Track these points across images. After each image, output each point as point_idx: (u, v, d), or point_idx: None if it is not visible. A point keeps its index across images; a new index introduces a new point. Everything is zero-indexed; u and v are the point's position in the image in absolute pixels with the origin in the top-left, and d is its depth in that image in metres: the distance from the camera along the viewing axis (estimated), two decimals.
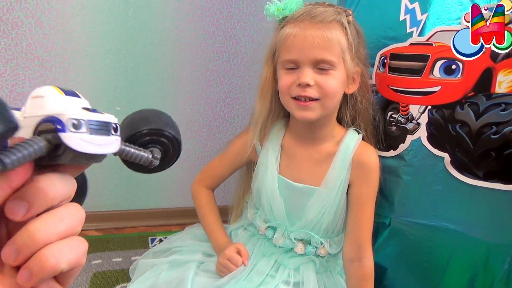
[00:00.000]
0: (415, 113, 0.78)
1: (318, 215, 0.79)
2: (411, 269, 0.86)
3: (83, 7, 1.14)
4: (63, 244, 0.23)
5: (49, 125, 0.22)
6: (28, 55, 1.14)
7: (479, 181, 0.74)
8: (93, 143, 0.23)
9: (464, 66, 0.72)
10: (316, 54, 0.70)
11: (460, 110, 0.73)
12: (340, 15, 0.72)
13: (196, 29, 1.24)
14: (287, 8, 0.73)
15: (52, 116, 0.22)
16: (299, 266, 0.82)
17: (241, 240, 0.89)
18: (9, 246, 0.22)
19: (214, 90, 1.32)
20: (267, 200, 0.82)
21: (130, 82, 1.23)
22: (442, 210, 0.78)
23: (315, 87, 0.71)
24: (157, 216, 1.37)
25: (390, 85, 0.81)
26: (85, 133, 0.23)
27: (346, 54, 0.72)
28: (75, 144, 0.22)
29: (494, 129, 0.71)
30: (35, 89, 0.24)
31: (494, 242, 0.77)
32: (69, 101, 0.24)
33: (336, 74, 0.72)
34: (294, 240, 0.82)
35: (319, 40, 0.69)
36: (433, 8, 0.74)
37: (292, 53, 0.72)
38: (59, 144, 0.22)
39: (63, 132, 0.22)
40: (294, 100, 0.73)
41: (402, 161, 0.81)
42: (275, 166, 0.82)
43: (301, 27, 0.71)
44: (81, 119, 0.23)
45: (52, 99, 0.23)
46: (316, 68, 0.71)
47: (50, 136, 0.22)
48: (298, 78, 0.71)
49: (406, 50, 0.78)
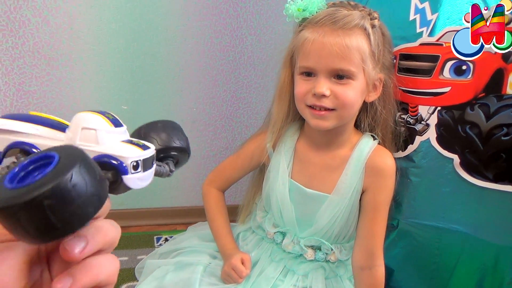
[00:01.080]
0: (424, 114, 0.77)
1: (329, 223, 0.77)
2: (418, 271, 0.85)
3: (90, 6, 1.14)
4: (103, 256, 0.24)
5: (108, 164, 0.24)
6: (35, 53, 1.14)
7: (489, 183, 0.73)
8: (144, 179, 0.26)
9: (475, 67, 0.71)
10: (333, 63, 0.67)
11: (470, 111, 0.72)
12: (363, 19, 0.69)
13: (203, 28, 1.24)
14: (307, 10, 0.69)
15: (113, 157, 0.24)
16: (308, 272, 0.81)
17: (250, 244, 0.88)
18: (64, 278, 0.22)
19: (220, 89, 1.31)
20: (277, 205, 0.81)
21: (137, 81, 1.23)
22: (451, 212, 0.78)
23: (331, 98, 0.69)
24: (163, 215, 1.37)
25: (399, 86, 0.80)
26: (140, 172, 0.25)
27: (368, 61, 0.69)
28: (133, 183, 0.25)
29: (505, 130, 0.70)
30: (79, 114, 0.25)
31: (504, 244, 0.76)
32: (118, 135, 0.26)
33: (354, 84, 0.69)
34: (304, 247, 0.80)
35: (337, 49, 0.66)
36: (443, 8, 0.73)
37: (309, 60, 0.69)
38: (115, 180, 0.24)
39: (126, 175, 0.24)
40: (309, 109, 0.71)
41: (411, 162, 0.80)
42: (287, 171, 0.79)
43: (320, 33, 0.67)
44: (138, 160, 0.25)
45: (105, 134, 0.25)
46: (334, 77, 0.69)
47: (110, 175, 0.24)
48: (314, 87, 0.69)
49: (415, 50, 0.77)
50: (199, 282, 0.78)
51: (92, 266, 0.23)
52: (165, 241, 1.27)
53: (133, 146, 0.25)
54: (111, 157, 0.24)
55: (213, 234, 0.89)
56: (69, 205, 0.19)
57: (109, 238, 0.24)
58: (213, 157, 1.37)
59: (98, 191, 0.20)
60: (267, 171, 0.84)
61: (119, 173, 0.24)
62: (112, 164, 0.24)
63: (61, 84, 1.17)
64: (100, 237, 0.23)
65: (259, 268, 0.82)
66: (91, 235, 0.23)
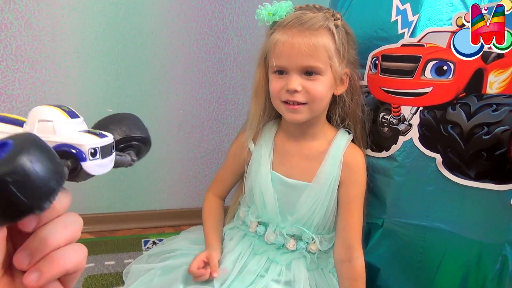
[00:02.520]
0: (407, 114, 0.78)
1: (309, 210, 0.81)
2: (404, 269, 0.86)
3: (73, 8, 1.13)
4: (68, 248, 0.25)
5: (67, 153, 0.25)
6: (18, 57, 1.12)
7: (471, 181, 0.74)
8: (103, 165, 0.27)
9: (456, 67, 0.72)
10: (303, 61, 0.73)
11: (452, 111, 0.73)
12: (327, 20, 0.74)
13: (188, 30, 1.24)
14: (277, 14, 0.75)
15: (72, 145, 0.25)
16: (290, 262, 0.83)
17: (234, 239, 0.89)
18: (21, 252, 0.24)
19: (206, 91, 1.31)
20: (260, 196, 0.84)
21: (122, 84, 1.22)
22: (434, 210, 0.79)
23: (302, 92, 0.75)
24: (151, 218, 1.36)
25: (382, 86, 0.81)
26: (99, 158, 0.26)
27: (334, 58, 0.75)
28: (92, 170, 0.26)
29: (486, 129, 0.71)
30: (35, 108, 0.26)
31: (486, 241, 0.77)
32: (75, 125, 0.27)
33: (323, 79, 0.75)
34: (286, 235, 0.83)
35: (306, 48, 0.72)
36: (424, 9, 0.74)
37: (281, 59, 0.75)
38: (75, 167, 0.25)
39: (84, 161, 0.25)
40: (284, 104, 0.77)
41: (394, 162, 0.81)
42: (268, 162, 0.84)
43: (289, 34, 0.73)
44: (96, 147, 0.26)
45: (62, 124, 0.26)
46: (304, 74, 0.75)
47: (69, 162, 0.25)
48: (287, 84, 0.74)
49: (397, 51, 0.78)
50: (184, 284, 0.79)
51: (58, 257, 0.24)
52: (153, 244, 1.26)
53: (90, 135, 0.26)
54: (69, 145, 0.25)
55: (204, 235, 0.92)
56: (32, 180, 0.20)
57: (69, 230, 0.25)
58: (201, 159, 1.37)
59: (56, 167, 0.22)
60: (248, 166, 0.88)
61: (78, 160, 0.25)
62: (70, 152, 0.25)
63: (44, 87, 1.16)
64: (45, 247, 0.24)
65: (242, 263, 0.84)
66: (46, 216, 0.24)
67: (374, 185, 0.86)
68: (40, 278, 0.23)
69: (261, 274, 0.82)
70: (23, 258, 0.24)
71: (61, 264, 0.24)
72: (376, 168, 0.85)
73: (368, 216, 0.87)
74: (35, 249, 0.24)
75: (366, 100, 0.84)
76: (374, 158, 0.85)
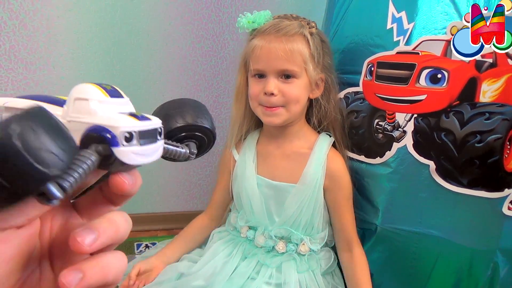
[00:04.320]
0: (401, 121, 0.79)
1: (296, 211, 0.83)
2: (397, 274, 0.87)
3: (69, 9, 1.12)
4: (113, 254, 0.22)
5: (98, 136, 0.21)
6: (12, 57, 1.11)
7: (463, 188, 0.75)
8: (143, 154, 0.22)
9: (450, 75, 0.73)
10: (279, 65, 0.77)
11: (445, 119, 0.74)
12: (302, 28, 0.79)
13: (185, 32, 1.23)
14: (256, 22, 0.80)
15: (103, 127, 0.21)
16: (280, 264, 0.84)
17: (223, 240, 0.90)
18: (73, 272, 0.20)
19: (202, 94, 1.31)
20: (247, 200, 0.86)
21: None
22: (427, 217, 0.79)
23: (279, 95, 0.79)
24: (143, 221, 1.35)
25: (377, 93, 0.81)
26: (136, 145, 0.22)
27: (308, 63, 0.79)
28: (127, 158, 0.22)
29: (478, 137, 0.72)
30: (75, 86, 0.23)
31: (478, 248, 0.78)
32: (116, 106, 0.23)
33: (298, 82, 0.79)
34: (275, 237, 0.84)
35: (282, 52, 0.76)
36: (419, 18, 0.75)
37: (260, 63, 0.79)
38: (109, 154, 0.21)
39: (116, 147, 0.21)
40: (261, 106, 0.81)
41: (388, 168, 0.81)
42: (253, 166, 0.87)
43: (267, 40, 0.78)
44: (132, 131, 0.22)
45: (98, 104, 0.22)
46: (281, 77, 0.79)
47: (100, 148, 0.21)
48: (264, 87, 0.79)
49: (392, 59, 0.78)
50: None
51: (103, 263, 0.21)
52: (145, 247, 1.25)
53: (128, 116, 0.23)
54: (99, 127, 0.21)
55: None
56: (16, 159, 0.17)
57: (120, 233, 0.23)
58: (194, 162, 1.37)
59: (52, 147, 0.18)
60: (233, 172, 0.90)
61: (109, 145, 0.21)
62: (101, 135, 0.21)
63: (38, 88, 1.15)
64: (112, 231, 0.22)
65: (233, 266, 0.84)
66: (103, 228, 0.22)
67: (368, 191, 0.87)
68: (81, 282, 0.20)
69: (252, 276, 0.83)
70: (72, 279, 0.20)
71: (105, 271, 0.21)
72: (370, 174, 0.85)
73: (361, 221, 0.87)
74: (92, 274, 0.21)
75: (361, 107, 0.85)
76: (368, 164, 0.85)
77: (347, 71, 0.88)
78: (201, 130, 0.29)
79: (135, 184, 0.23)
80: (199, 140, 0.29)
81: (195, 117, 0.28)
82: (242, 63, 0.85)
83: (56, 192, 0.19)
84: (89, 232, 0.21)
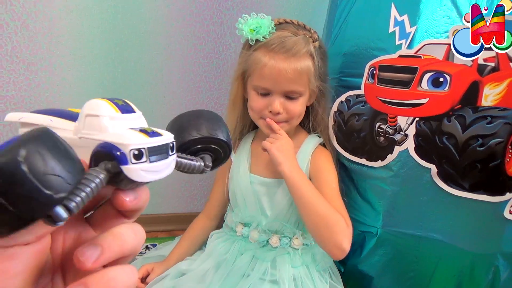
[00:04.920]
0: (403, 125, 0.78)
1: (286, 204, 0.85)
2: (397, 278, 0.86)
3: (71, 10, 1.12)
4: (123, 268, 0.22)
5: (108, 153, 0.21)
6: (13, 58, 1.11)
7: (465, 192, 0.75)
8: (153, 171, 0.22)
9: (452, 79, 0.73)
10: (287, 86, 0.79)
11: (447, 122, 0.74)
12: (308, 44, 0.79)
13: (186, 34, 1.23)
14: (259, 32, 0.78)
15: (112, 145, 0.21)
16: (275, 258, 0.85)
17: (221, 239, 0.92)
18: (89, 245, 0.21)
19: (203, 96, 1.31)
20: (242, 198, 0.89)
21: (118, 87, 1.22)
22: (429, 220, 0.79)
23: (283, 113, 0.81)
24: (144, 223, 1.34)
25: (379, 96, 0.81)
26: (146, 162, 0.22)
27: (312, 78, 0.81)
28: (136, 175, 0.21)
29: (480, 141, 0.72)
30: (87, 102, 0.23)
31: (479, 252, 0.78)
32: (127, 121, 0.23)
33: (302, 99, 0.82)
34: (268, 231, 0.86)
35: (291, 75, 0.77)
36: (421, 21, 0.75)
37: (266, 82, 0.79)
38: (118, 172, 0.21)
39: (125, 165, 0.21)
40: (263, 120, 0.83)
41: (390, 172, 0.81)
42: (247, 165, 0.90)
43: (275, 59, 0.77)
44: (142, 148, 0.21)
45: (109, 120, 0.22)
46: (285, 95, 0.81)
47: (110, 165, 0.21)
48: (270, 106, 0.80)
49: (394, 62, 0.78)
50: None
51: (108, 278, 0.21)
52: (146, 248, 1.25)
53: (138, 133, 0.22)
54: (110, 145, 0.21)
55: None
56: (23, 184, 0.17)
57: (127, 247, 0.22)
58: None
59: (59, 170, 0.18)
60: (229, 172, 0.93)
61: (118, 163, 0.21)
62: (110, 153, 0.21)
63: (40, 90, 1.15)
64: (117, 245, 0.22)
65: (230, 264, 0.85)
66: (107, 243, 0.21)
67: (369, 194, 0.87)
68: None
69: (247, 273, 0.84)
70: (91, 253, 0.20)
71: (111, 285, 0.21)
72: (372, 178, 0.85)
73: (362, 224, 0.87)
74: (108, 246, 0.21)
75: (362, 110, 0.85)
76: (369, 167, 0.85)
77: (348, 74, 0.88)
78: (217, 143, 0.28)
79: (139, 201, 0.23)
80: (215, 153, 0.29)
81: (210, 129, 0.28)
82: (239, 72, 0.84)
83: (62, 214, 0.18)
84: (92, 248, 0.21)
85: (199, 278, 0.83)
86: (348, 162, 0.90)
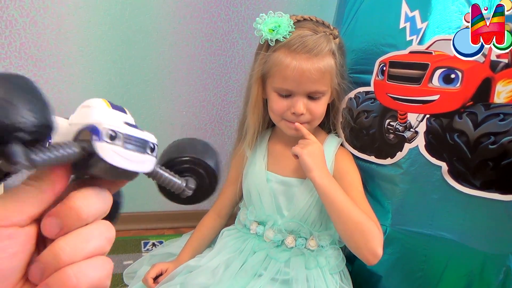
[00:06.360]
0: (413, 122, 0.77)
1: (306, 205, 0.82)
2: (406, 277, 0.85)
3: (79, 7, 1.12)
4: (86, 264, 0.22)
5: (87, 133, 0.22)
6: (22, 54, 1.12)
7: (476, 190, 0.74)
8: (126, 158, 0.23)
9: (464, 76, 0.71)
10: (310, 87, 0.76)
11: (459, 120, 0.73)
12: (329, 42, 0.77)
13: (193, 31, 1.23)
14: (279, 32, 0.75)
15: (90, 125, 0.22)
16: (289, 259, 0.83)
17: (232, 236, 0.91)
18: (35, 265, 0.22)
19: (210, 93, 1.31)
20: (257, 196, 0.86)
21: (125, 84, 1.22)
22: (439, 219, 0.78)
23: (306, 114, 0.79)
24: (150, 220, 1.35)
25: (389, 93, 0.80)
26: (119, 146, 0.23)
27: (334, 76, 0.79)
28: (107, 155, 0.22)
29: (492, 139, 0.71)
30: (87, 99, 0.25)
31: (490, 252, 0.77)
32: (114, 114, 0.24)
33: (324, 99, 0.80)
34: (285, 231, 0.84)
35: (314, 76, 0.75)
36: (433, 17, 0.74)
37: (288, 84, 0.77)
38: (92, 153, 0.22)
39: (98, 141, 0.22)
40: (285, 121, 0.81)
41: (399, 169, 0.80)
42: (263, 163, 0.87)
43: (298, 60, 0.74)
44: (118, 131, 0.23)
45: (98, 110, 0.23)
46: (308, 96, 0.78)
47: (85, 144, 0.22)
48: (293, 107, 0.78)
49: (405, 58, 0.77)
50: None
51: (70, 275, 0.21)
52: (152, 246, 1.25)
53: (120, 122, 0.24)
54: (90, 125, 0.22)
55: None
56: None
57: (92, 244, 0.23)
58: None
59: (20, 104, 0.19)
60: (244, 170, 0.90)
61: (92, 139, 0.22)
62: (87, 130, 0.22)
63: (48, 86, 1.15)
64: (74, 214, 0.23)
65: (241, 261, 0.84)
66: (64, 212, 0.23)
67: (378, 192, 0.86)
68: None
69: (260, 273, 0.82)
70: (35, 272, 0.22)
71: (73, 283, 0.21)
72: (381, 175, 0.84)
73: None
74: (47, 263, 0.21)
75: (372, 106, 0.84)
76: (378, 165, 0.84)
77: (358, 71, 0.87)
78: (204, 168, 0.29)
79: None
80: (200, 178, 0.29)
81: (201, 154, 0.29)
82: (259, 74, 0.81)
83: (17, 153, 0.18)
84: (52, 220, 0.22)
85: (209, 274, 0.82)
86: (356, 160, 0.89)
